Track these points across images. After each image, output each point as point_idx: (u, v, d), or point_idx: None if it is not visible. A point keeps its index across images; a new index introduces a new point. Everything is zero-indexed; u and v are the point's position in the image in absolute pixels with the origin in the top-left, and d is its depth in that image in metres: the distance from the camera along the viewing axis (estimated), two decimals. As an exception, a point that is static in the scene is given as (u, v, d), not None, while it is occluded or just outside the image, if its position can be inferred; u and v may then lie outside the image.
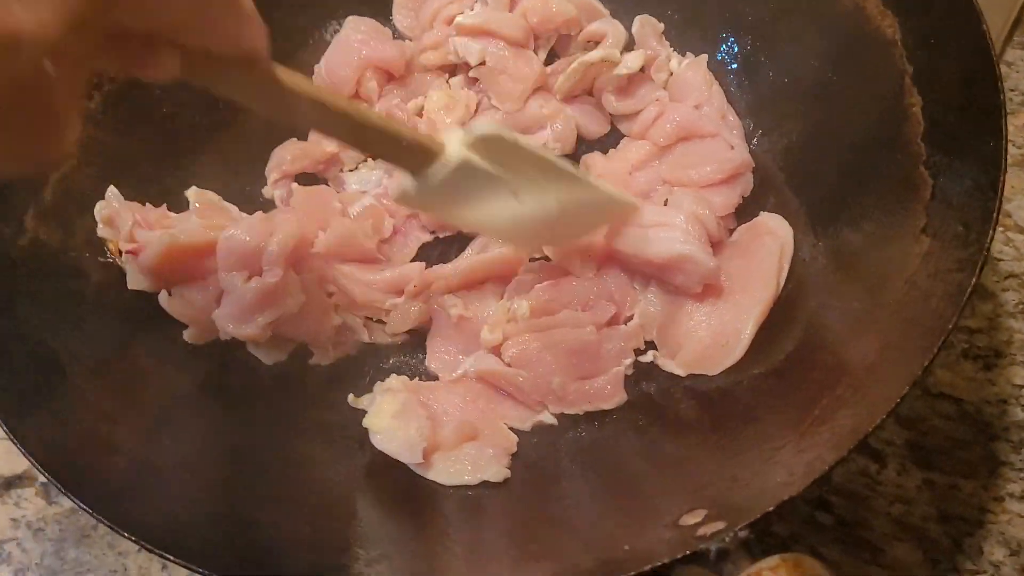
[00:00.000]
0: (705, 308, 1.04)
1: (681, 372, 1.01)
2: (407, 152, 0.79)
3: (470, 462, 0.94)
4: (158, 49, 0.55)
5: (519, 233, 0.97)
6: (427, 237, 1.20)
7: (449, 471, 0.94)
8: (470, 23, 1.23)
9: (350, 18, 1.29)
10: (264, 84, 0.65)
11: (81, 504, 0.75)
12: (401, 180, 0.84)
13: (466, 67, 1.26)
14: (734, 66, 1.25)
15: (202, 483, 0.89)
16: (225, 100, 0.66)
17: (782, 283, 1.01)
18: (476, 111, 1.26)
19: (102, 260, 1.07)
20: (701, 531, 0.69)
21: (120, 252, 1.06)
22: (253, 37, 0.60)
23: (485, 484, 0.93)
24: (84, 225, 1.06)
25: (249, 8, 0.59)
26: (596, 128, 1.27)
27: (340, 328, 1.07)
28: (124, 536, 0.73)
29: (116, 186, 1.10)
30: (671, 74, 1.26)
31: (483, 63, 1.22)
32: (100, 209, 1.07)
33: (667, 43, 1.28)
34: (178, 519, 0.81)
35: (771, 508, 0.67)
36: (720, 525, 0.68)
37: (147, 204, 1.08)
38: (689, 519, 0.73)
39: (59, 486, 0.76)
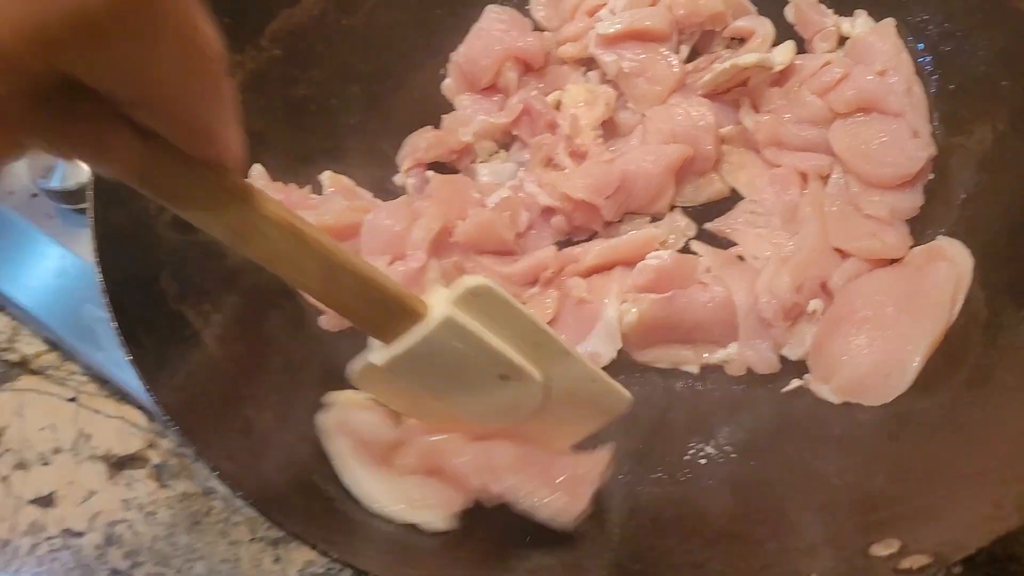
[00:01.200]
0: (866, 333, 0.98)
1: (835, 399, 0.96)
2: (386, 310, 0.65)
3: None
4: (116, 131, 0.45)
5: (496, 428, 0.82)
6: (561, 236, 1.16)
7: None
8: (613, 32, 1.18)
9: (490, 7, 1.26)
10: (229, 203, 0.54)
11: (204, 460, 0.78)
12: (371, 351, 0.70)
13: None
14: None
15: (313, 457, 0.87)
16: (181, 217, 0.55)
17: (955, 316, 0.94)
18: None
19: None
20: (905, 564, 0.63)
21: None
22: (229, 144, 0.50)
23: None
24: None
25: (231, 109, 0.49)
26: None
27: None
28: (237, 495, 0.75)
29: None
30: (840, 42, 1.19)
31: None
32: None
33: (829, 11, 1.21)
34: (284, 488, 0.82)
35: (986, 543, 0.61)
36: (924, 559, 0.62)
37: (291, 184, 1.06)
38: (880, 550, 0.67)
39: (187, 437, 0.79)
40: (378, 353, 0.69)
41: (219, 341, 0.94)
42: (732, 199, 1.17)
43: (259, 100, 1.13)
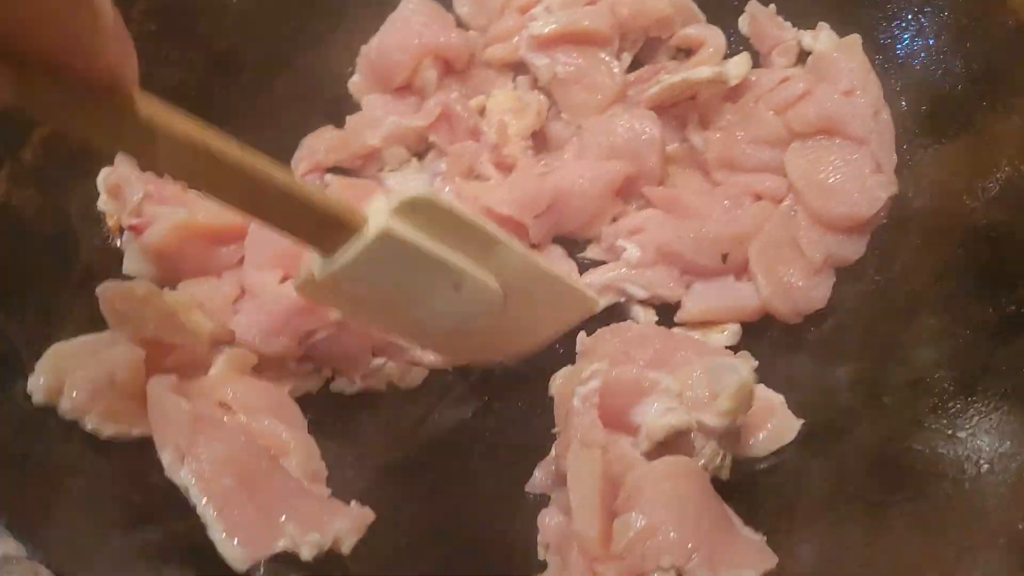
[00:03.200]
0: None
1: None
2: (319, 224, 0.62)
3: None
4: None
5: (458, 337, 0.77)
6: None
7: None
8: (548, 32, 1.04)
9: None
10: (125, 122, 0.51)
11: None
12: (308, 262, 0.67)
13: (535, 66, 1.08)
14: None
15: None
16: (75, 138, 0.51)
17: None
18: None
19: (97, 242, 0.88)
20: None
21: (121, 230, 0.88)
22: (117, 56, 0.47)
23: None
24: (71, 195, 0.87)
25: (110, 17, 0.45)
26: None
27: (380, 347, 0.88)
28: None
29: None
30: (800, 58, 1.08)
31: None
32: (106, 176, 0.89)
33: (788, 24, 1.10)
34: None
35: None
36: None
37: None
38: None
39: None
40: (316, 266, 0.66)
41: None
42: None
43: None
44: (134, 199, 0.85)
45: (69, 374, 0.74)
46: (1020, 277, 0.84)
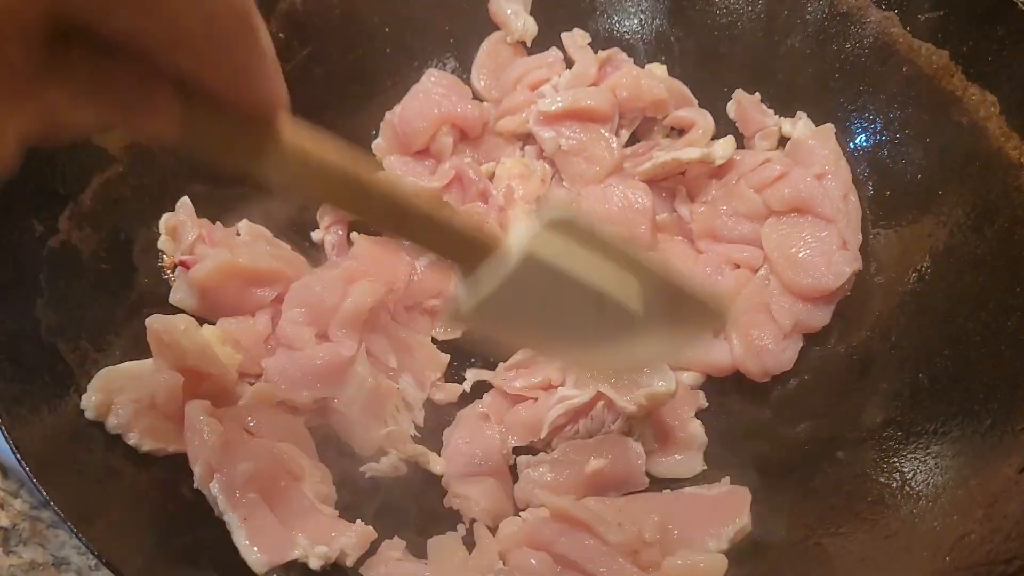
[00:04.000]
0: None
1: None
2: (459, 246, 0.63)
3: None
4: (153, 90, 0.43)
5: (598, 355, 0.79)
6: None
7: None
8: (555, 110, 1.16)
9: (431, 70, 1.23)
10: (282, 151, 0.51)
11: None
12: (457, 291, 0.67)
13: (542, 137, 1.19)
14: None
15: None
16: (231, 176, 0.54)
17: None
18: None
19: (146, 280, 0.99)
20: None
21: (174, 267, 0.99)
22: (271, 85, 0.48)
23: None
24: (122, 234, 0.98)
25: (268, 48, 0.47)
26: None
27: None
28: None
29: (164, 200, 1.02)
30: (780, 142, 1.19)
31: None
32: (167, 219, 1.01)
33: (770, 111, 1.21)
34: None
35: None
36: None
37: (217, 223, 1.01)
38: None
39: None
40: (464, 298, 0.66)
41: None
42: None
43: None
44: (188, 239, 0.97)
45: (117, 394, 0.84)
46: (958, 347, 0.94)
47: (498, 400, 0.98)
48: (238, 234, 1.05)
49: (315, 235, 1.15)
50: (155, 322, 0.88)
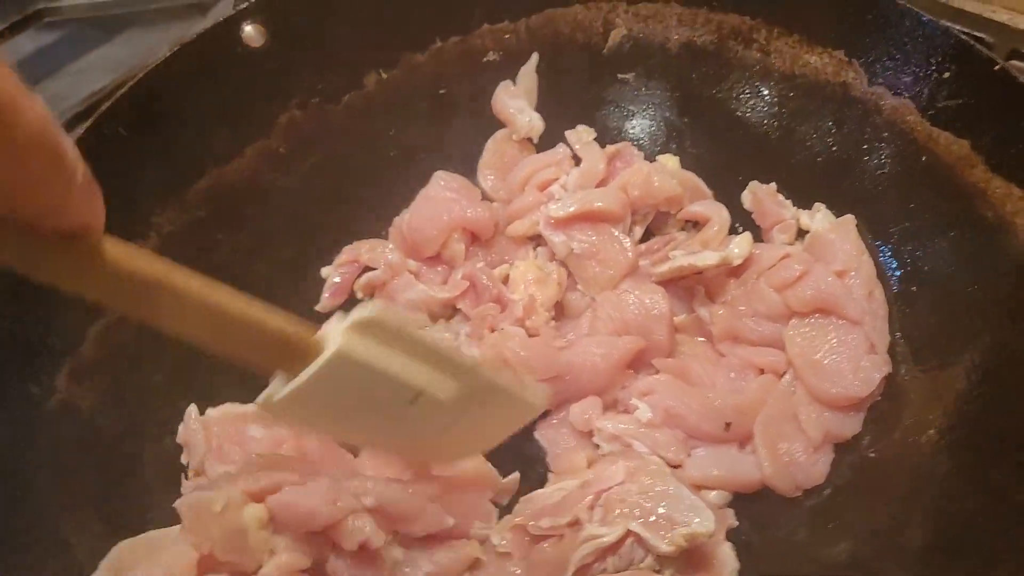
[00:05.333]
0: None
1: None
2: (277, 350, 0.64)
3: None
4: None
5: (413, 445, 0.83)
6: None
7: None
8: (564, 215, 1.12)
9: (439, 172, 1.19)
10: (91, 265, 0.53)
11: None
12: (273, 385, 0.69)
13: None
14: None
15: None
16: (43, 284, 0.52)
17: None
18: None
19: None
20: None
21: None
22: (86, 209, 0.49)
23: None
24: (127, 388, 0.95)
25: (81, 177, 0.48)
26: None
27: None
28: None
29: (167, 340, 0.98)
30: (799, 234, 1.16)
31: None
32: (181, 433, 0.97)
33: (788, 202, 1.18)
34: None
35: None
36: None
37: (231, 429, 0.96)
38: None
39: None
40: (275, 389, 0.68)
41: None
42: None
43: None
44: (196, 457, 0.93)
45: (127, 571, 0.81)
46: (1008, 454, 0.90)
47: (520, 537, 0.94)
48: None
49: (324, 271, 1.16)
50: (184, 504, 0.84)
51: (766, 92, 1.19)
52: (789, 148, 1.19)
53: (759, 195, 1.17)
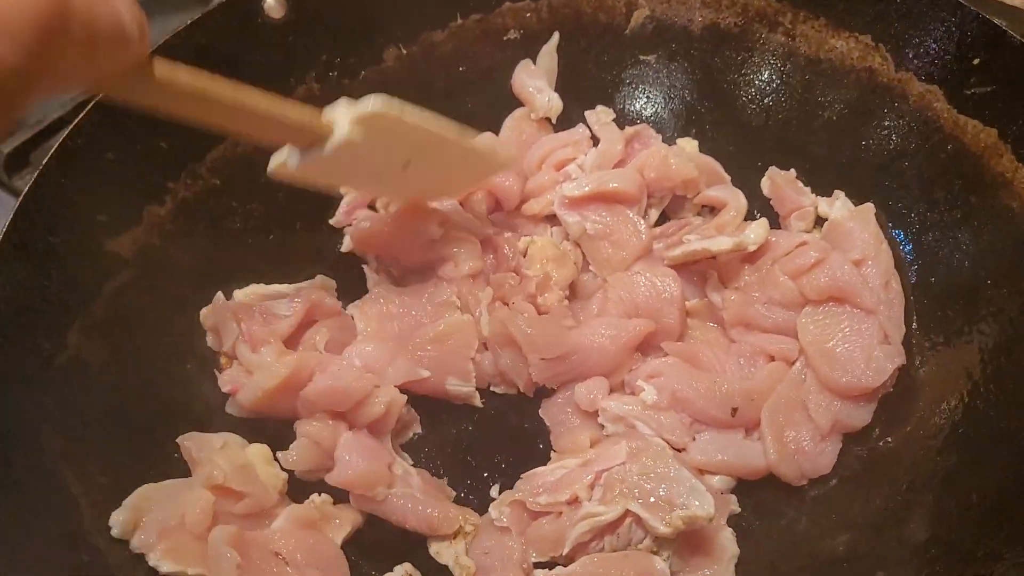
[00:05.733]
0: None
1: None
2: (295, 133, 0.80)
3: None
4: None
5: (404, 189, 1.04)
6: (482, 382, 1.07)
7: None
8: (579, 195, 1.11)
9: (484, 134, 1.18)
10: (148, 82, 0.65)
11: None
12: (283, 153, 0.84)
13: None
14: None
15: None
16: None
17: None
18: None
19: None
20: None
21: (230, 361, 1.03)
22: (142, 48, 0.61)
23: None
24: (138, 343, 0.96)
25: (135, 27, 0.59)
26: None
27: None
28: None
29: (178, 302, 1.02)
30: (817, 222, 1.14)
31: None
32: (206, 316, 1.03)
33: (807, 189, 1.16)
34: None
35: None
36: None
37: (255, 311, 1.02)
38: None
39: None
40: (293, 160, 0.84)
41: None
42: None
43: (190, 229, 1.05)
44: (229, 342, 1.00)
45: (147, 513, 0.84)
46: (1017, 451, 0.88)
47: (519, 512, 0.94)
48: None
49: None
50: (188, 439, 0.90)
51: (790, 77, 1.17)
52: (812, 134, 1.17)
53: (778, 181, 1.15)
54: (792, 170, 1.17)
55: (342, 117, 0.81)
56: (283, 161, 0.84)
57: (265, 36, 1.09)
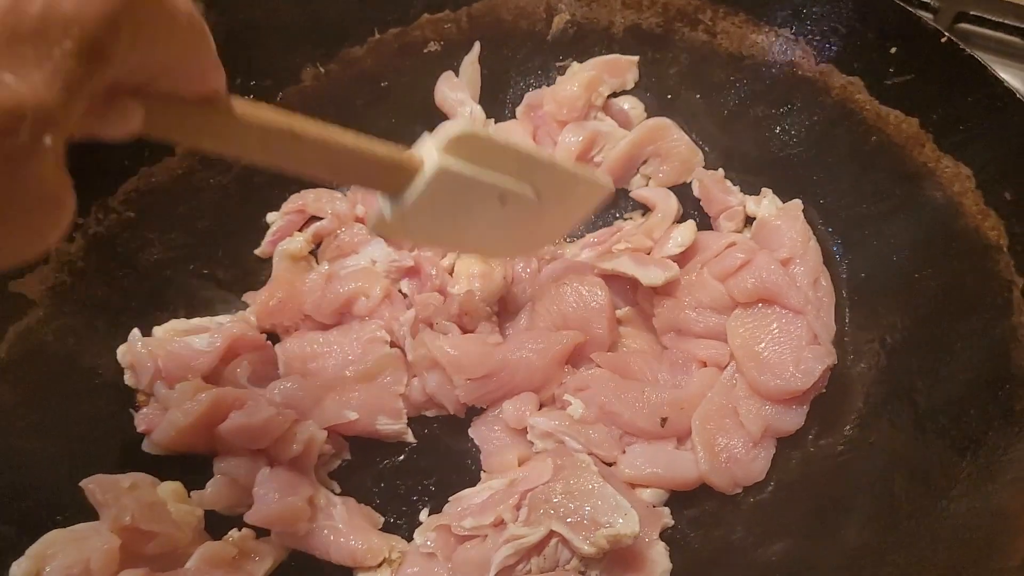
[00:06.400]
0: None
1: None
2: (385, 172, 0.73)
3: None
4: (123, 102, 0.50)
5: (508, 241, 0.91)
6: (413, 411, 1.04)
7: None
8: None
9: None
10: (226, 122, 0.59)
11: None
12: (378, 206, 0.77)
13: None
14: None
15: None
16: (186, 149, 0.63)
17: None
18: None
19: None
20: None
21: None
22: (217, 75, 0.56)
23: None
24: (49, 385, 0.94)
25: (213, 48, 0.55)
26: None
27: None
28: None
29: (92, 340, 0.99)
30: (748, 222, 1.12)
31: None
32: (123, 354, 1.00)
33: (735, 188, 1.14)
34: None
35: None
36: None
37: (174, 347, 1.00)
38: None
39: None
40: (387, 209, 0.76)
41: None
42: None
43: (103, 265, 1.02)
44: (145, 379, 0.98)
45: (50, 561, 0.81)
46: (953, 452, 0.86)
47: (445, 537, 0.92)
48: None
49: (270, 216, 1.16)
50: (92, 482, 0.86)
51: (714, 75, 1.15)
52: (739, 132, 1.15)
53: (705, 182, 1.13)
54: (720, 170, 1.15)
55: (429, 147, 0.75)
56: (379, 213, 0.77)
57: (174, 63, 1.07)
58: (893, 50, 1.00)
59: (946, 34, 0.96)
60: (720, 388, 1.00)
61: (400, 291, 1.12)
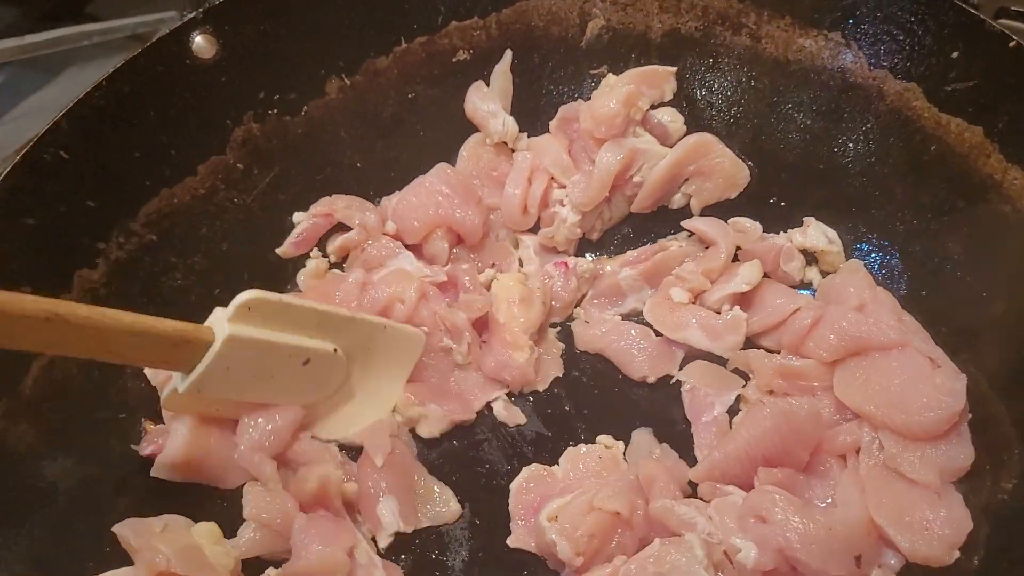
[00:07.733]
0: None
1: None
2: (174, 349, 0.72)
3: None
4: None
5: (315, 391, 0.91)
6: None
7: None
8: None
9: (442, 164, 1.12)
10: None
11: None
12: (171, 382, 0.77)
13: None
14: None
15: None
16: None
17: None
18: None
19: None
20: None
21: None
22: None
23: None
24: (69, 422, 0.88)
25: None
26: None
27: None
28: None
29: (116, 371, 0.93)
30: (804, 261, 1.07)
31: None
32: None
33: (769, 235, 1.10)
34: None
35: None
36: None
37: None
38: None
39: None
40: (177, 382, 0.76)
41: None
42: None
43: (126, 291, 0.97)
44: None
45: None
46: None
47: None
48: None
49: (296, 216, 1.11)
50: (124, 527, 0.82)
51: (757, 81, 1.09)
52: (785, 142, 1.09)
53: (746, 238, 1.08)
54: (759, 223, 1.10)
55: (220, 317, 0.76)
56: (173, 388, 0.78)
57: (196, 78, 1.02)
58: (955, 55, 0.94)
59: (1015, 38, 0.90)
60: (872, 472, 0.87)
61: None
